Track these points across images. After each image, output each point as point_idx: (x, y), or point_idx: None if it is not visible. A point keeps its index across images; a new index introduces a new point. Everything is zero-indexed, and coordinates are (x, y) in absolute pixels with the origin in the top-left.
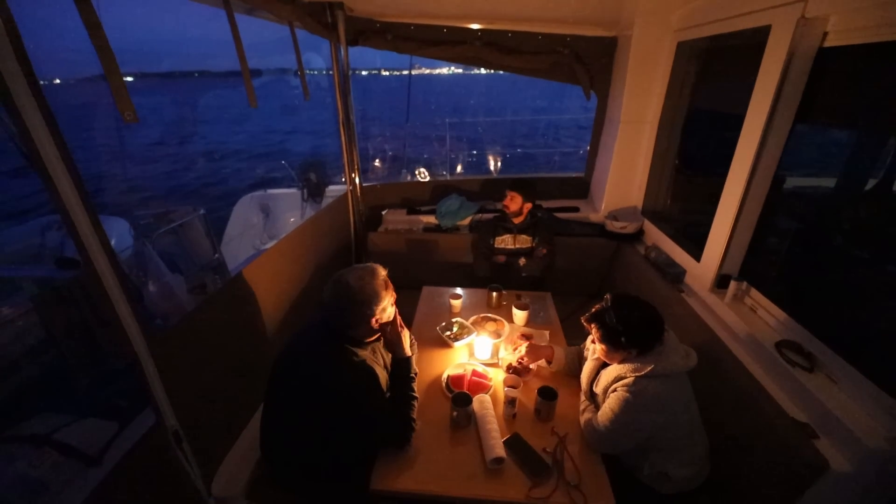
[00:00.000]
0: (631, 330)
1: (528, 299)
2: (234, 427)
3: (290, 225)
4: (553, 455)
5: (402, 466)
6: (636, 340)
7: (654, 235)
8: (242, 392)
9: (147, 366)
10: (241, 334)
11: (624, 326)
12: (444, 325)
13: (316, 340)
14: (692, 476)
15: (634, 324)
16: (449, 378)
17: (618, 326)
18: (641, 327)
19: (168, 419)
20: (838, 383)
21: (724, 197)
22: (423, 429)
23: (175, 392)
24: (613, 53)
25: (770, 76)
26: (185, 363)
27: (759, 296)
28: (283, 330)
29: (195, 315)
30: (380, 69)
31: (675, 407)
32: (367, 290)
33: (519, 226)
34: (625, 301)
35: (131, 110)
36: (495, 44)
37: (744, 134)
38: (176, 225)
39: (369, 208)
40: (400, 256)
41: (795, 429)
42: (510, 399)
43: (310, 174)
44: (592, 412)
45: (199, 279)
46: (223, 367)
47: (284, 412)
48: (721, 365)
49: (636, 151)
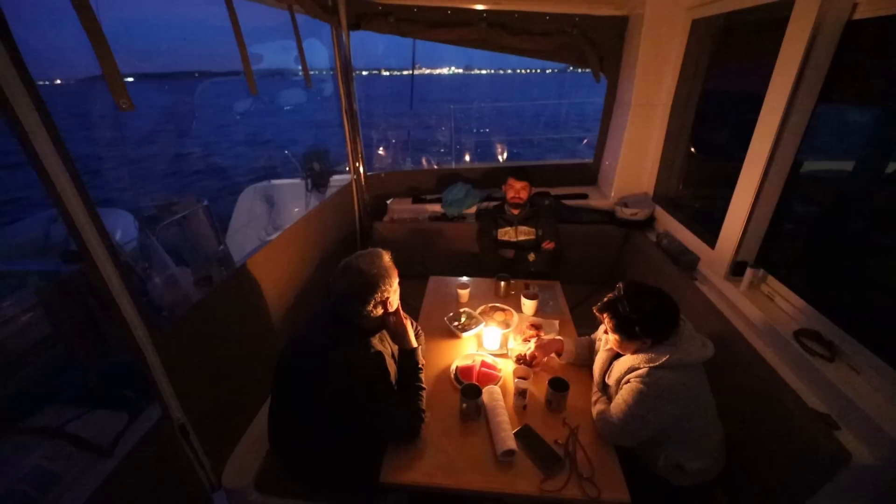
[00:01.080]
0: (645, 319)
1: (537, 288)
2: (242, 418)
3: (295, 215)
4: (565, 447)
5: (412, 459)
6: (650, 330)
7: (666, 222)
8: (250, 383)
9: (151, 360)
10: (247, 325)
11: (638, 315)
12: (452, 316)
13: (323, 331)
14: (707, 468)
15: (648, 313)
16: (458, 369)
17: (631, 316)
18: (656, 316)
19: (174, 412)
20: (861, 373)
21: (741, 181)
22: (432, 421)
23: (181, 385)
24: (624, 33)
25: (793, 53)
26: (191, 356)
27: (776, 283)
28: (290, 320)
29: (200, 307)
30: (380, 69)
31: (691, 398)
32: (377, 270)
33: (519, 217)
34: (638, 289)
35: (126, 98)
36: (501, 25)
37: (763, 115)
38: (180, 216)
39: (374, 197)
40: (406, 245)
41: (815, 420)
42: (520, 390)
43: (313, 164)
44: (605, 404)
45: (204, 271)
46: (230, 359)
47: (292, 404)
48: (737, 355)
49: (647, 136)
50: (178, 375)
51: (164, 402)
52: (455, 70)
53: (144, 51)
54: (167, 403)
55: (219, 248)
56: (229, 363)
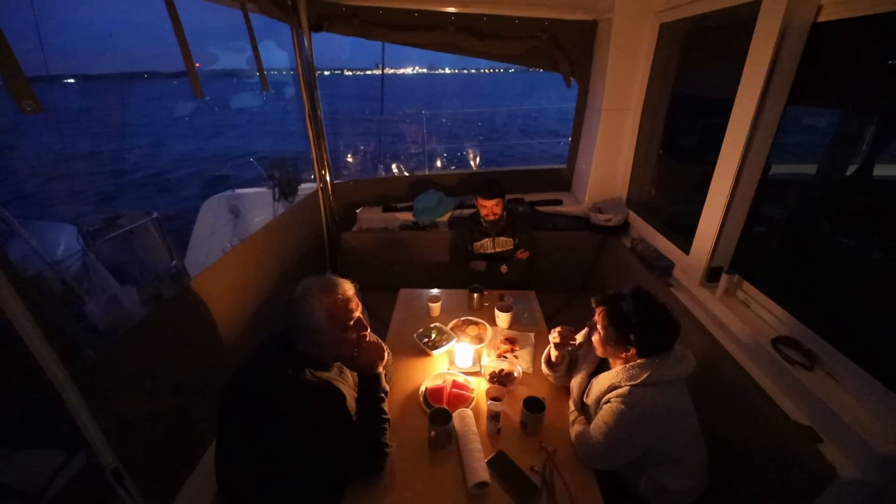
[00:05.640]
0: (644, 326)
1: (512, 300)
2: (187, 458)
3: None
4: (542, 474)
5: (377, 494)
6: (643, 340)
7: (640, 227)
8: (196, 418)
9: (71, 399)
10: (194, 351)
11: (638, 319)
12: (422, 332)
13: (271, 360)
14: (691, 488)
15: (650, 321)
16: (427, 391)
17: (632, 318)
18: (655, 328)
19: (105, 457)
20: (840, 382)
21: (714, 185)
22: (399, 450)
23: (112, 424)
24: (594, 38)
25: (761, 55)
26: (125, 389)
27: (752, 289)
28: (246, 342)
29: (136, 332)
30: (343, 69)
31: (674, 416)
32: (316, 315)
33: (497, 228)
34: (647, 297)
35: (32, 99)
36: (470, 29)
37: (734, 117)
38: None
39: (342, 206)
40: (375, 256)
41: (798, 433)
42: (493, 413)
43: (279, 172)
44: (584, 424)
45: (154, 289)
46: (173, 390)
47: (238, 444)
48: (714, 363)
49: (619, 140)
50: (109, 413)
51: (90, 446)
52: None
53: (82, 50)
54: (95, 447)
55: (171, 263)
56: (172, 395)
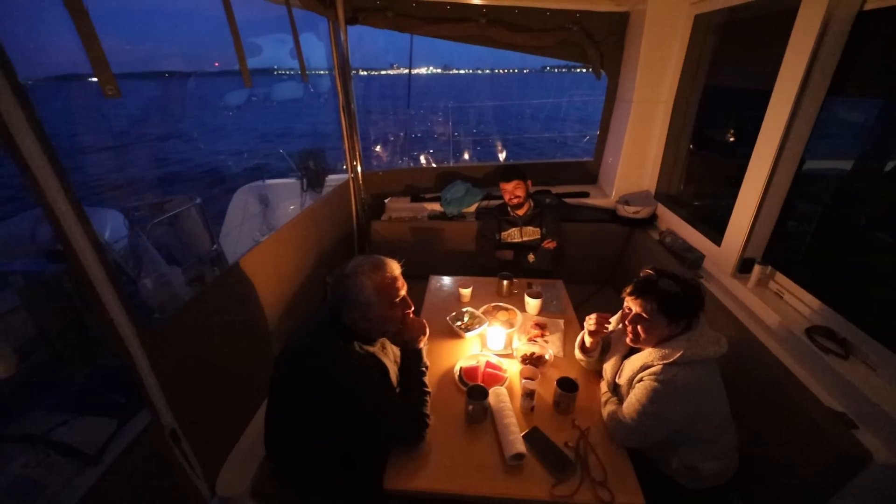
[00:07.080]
0: (689, 293)
1: (541, 287)
2: (236, 423)
3: (290, 215)
4: (575, 450)
5: (417, 464)
6: (693, 307)
7: (669, 220)
8: (245, 386)
9: (140, 361)
10: (240, 326)
11: (683, 288)
12: (455, 315)
13: (320, 335)
14: (721, 470)
15: (692, 286)
16: (462, 370)
17: (678, 291)
18: (698, 291)
19: (164, 418)
20: (876, 370)
21: (748, 177)
22: (436, 424)
23: (171, 388)
24: (625, 30)
25: (802, 46)
26: (182, 357)
27: (785, 280)
28: (285, 322)
29: (191, 306)
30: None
31: (706, 396)
32: (366, 291)
33: (524, 217)
34: (667, 272)
35: (113, 84)
36: (501, 21)
37: (771, 108)
38: (171, 215)
39: (371, 196)
40: (404, 245)
41: (832, 419)
42: (528, 391)
43: (308, 163)
44: (616, 404)
45: (197, 271)
46: (223, 361)
47: (289, 410)
48: (747, 353)
49: (649, 133)
50: (168, 378)
51: (154, 406)
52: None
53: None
54: (157, 407)
55: (212, 247)
56: (222, 365)
